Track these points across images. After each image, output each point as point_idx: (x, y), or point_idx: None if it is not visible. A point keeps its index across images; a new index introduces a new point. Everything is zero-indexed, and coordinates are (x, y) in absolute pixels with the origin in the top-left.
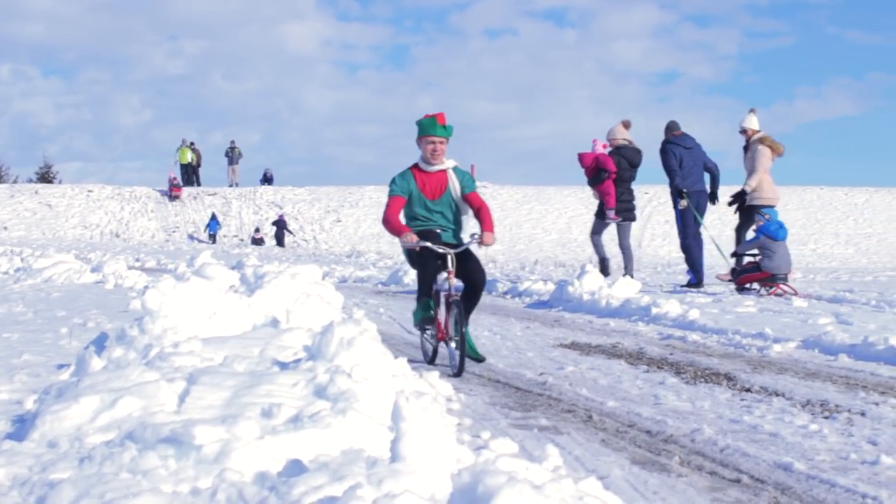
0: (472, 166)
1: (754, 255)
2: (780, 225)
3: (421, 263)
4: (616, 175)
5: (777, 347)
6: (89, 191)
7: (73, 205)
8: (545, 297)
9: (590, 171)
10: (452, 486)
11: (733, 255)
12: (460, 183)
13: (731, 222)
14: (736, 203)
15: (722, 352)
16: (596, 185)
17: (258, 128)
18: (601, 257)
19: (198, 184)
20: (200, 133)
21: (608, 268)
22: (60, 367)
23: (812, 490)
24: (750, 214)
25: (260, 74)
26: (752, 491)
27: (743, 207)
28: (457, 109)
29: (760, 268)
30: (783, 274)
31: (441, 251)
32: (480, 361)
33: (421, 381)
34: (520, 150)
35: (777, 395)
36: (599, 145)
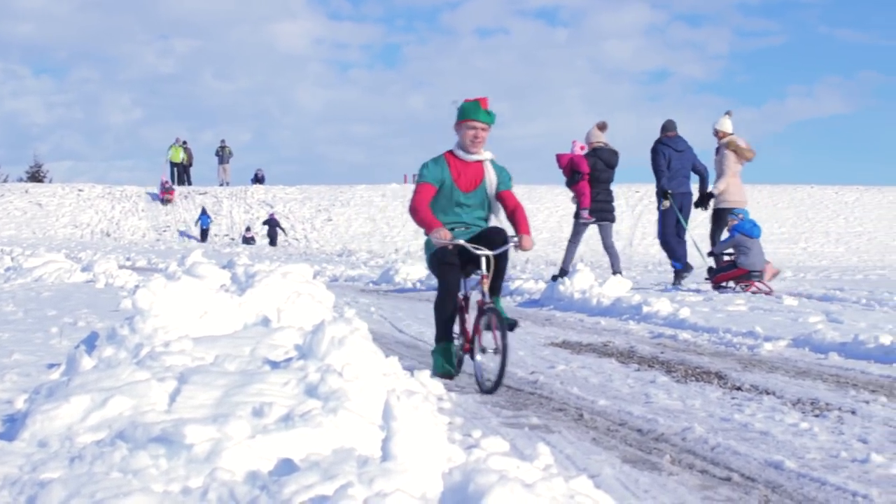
0: None
1: (730, 253)
2: (753, 223)
3: (444, 269)
4: (591, 176)
5: (768, 346)
6: (80, 190)
7: (63, 204)
8: (536, 295)
9: (566, 171)
10: (443, 484)
11: (710, 254)
12: (497, 177)
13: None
14: (702, 205)
15: (713, 350)
16: (571, 185)
17: (249, 127)
18: (563, 268)
19: (188, 183)
20: (191, 132)
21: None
22: (51, 366)
23: (802, 488)
24: (721, 217)
25: (251, 73)
26: (742, 489)
27: (708, 207)
28: (448, 108)
29: (736, 265)
30: (758, 271)
31: (478, 252)
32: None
33: (412, 379)
34: (511, 149)
35: (768, 393)
36: (577, 147)
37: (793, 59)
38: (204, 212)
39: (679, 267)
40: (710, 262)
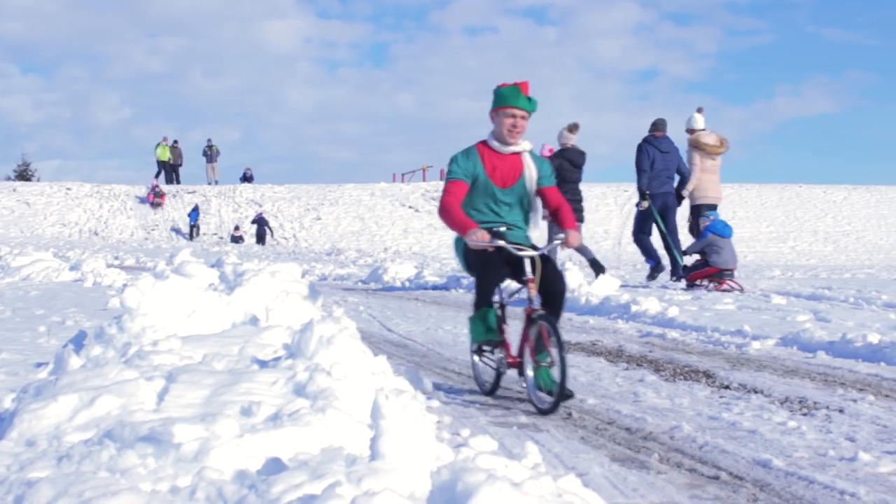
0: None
1: (703, 252)
2: (724, 223)
3: (482, 267)
4: (558, 176)
5: (756, 345)
6: (68, 189)
7: (51, 203)
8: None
9: None
10: (432, 483)
11: (684, 253)
12: (538, 171)
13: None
14: (678, 204)
15: (701, 349)
16: None
17: (238, 126)
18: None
19: (177, 182)
20: (180, 131)
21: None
22: (39, 365)
23: (790, 487)
24: (698, 213)
25: (240, 72)
26: (730, 488)
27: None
28: (436, 107)
29: (708, 264)
30: (730, 269)
31: (521, 253)
32: (570, 398)
33: (400, 378)
34: None
35: (756, 392)
36: (546, 150)
37: (781, 59)
38: (196, 208)
39: (652, 264)
40: (685, 260)
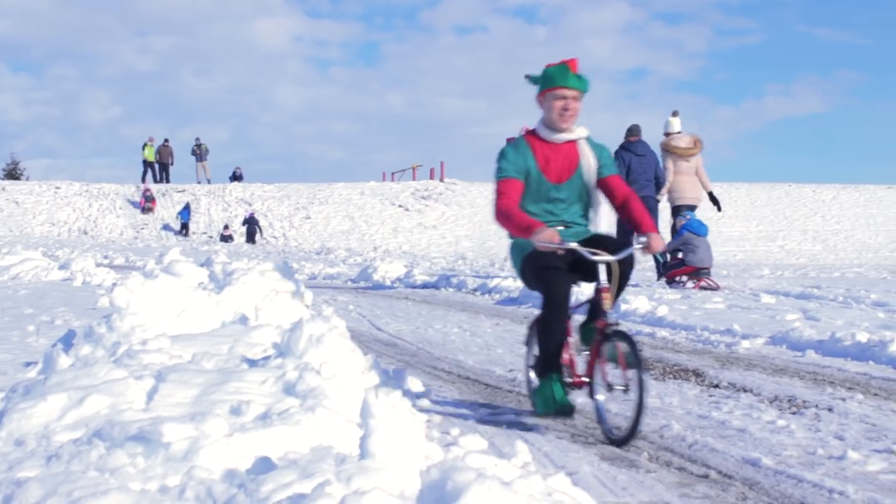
0: (441, 163)
1: (680, 251)
2: (700, 222)
3: (548, 276)
4: None
5: (745, 343)
6: (57, 188)
7: (40, 202)
8: (515, 293)
9: None
10: (421, 482)
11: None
12: (598, 160)
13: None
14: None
15: (690, 348)
16: None
17: (229, 124)
18: None
19: (167, 181)
20: (170, 130)
21: None
22: (28, 364)
23: (780, 485)
24: (678, 214)
25: (230, 71)
26: (719, 486)
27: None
28: (427, 106)
29: (686, 262)
30: (706, 267)
31: (596, 258)
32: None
33: (390, 377)
34: (490, 147)
35: (745, 391)
36: (524, 129)
37: (770, 58)
38: (187, 206)
39: None
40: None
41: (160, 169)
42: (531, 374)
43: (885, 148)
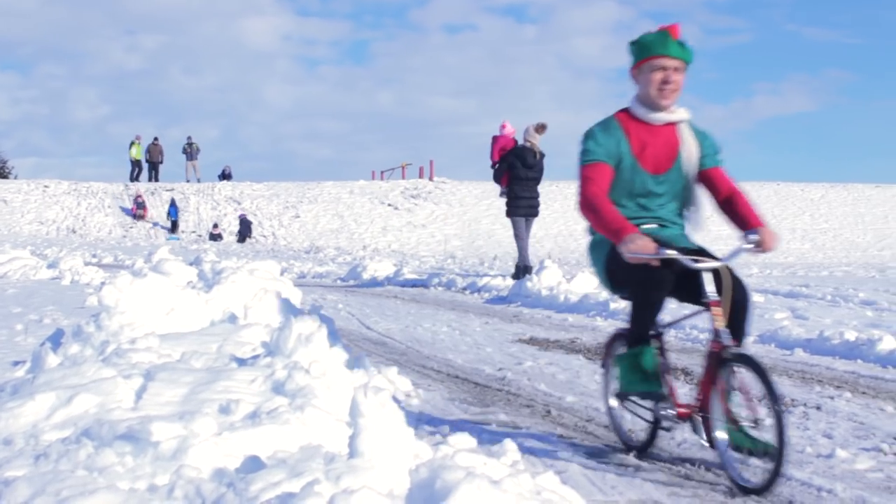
0: (430, 162)
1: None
2: None
3: (641, 285)
4: (513, 174)
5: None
6: (45, 186)
7: (28, 200)
8: (504, 292)
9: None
10: (411, 481)
11: None
12: (700, 148)
13: None
14: None
15: (679, 346)
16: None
17: (217, 123)
18: (524, 265)
19: (156, 180)
20: (159, 128)
21: (528, 271)
22: (16, 363)
23: None
24: None
25: (219, 69)
26: (708, 485)
27: None
28: (416, 105)
29: None
30: None
31: (699, 266)
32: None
33: (379, 376)
34: (479, 146)
35: (734, 389)
36: (510, 129)
37: (760, 57)
38: (173, 203)
39: None
40: None
41: (149, 168)
42: (612, 401)
43: (873, 147)
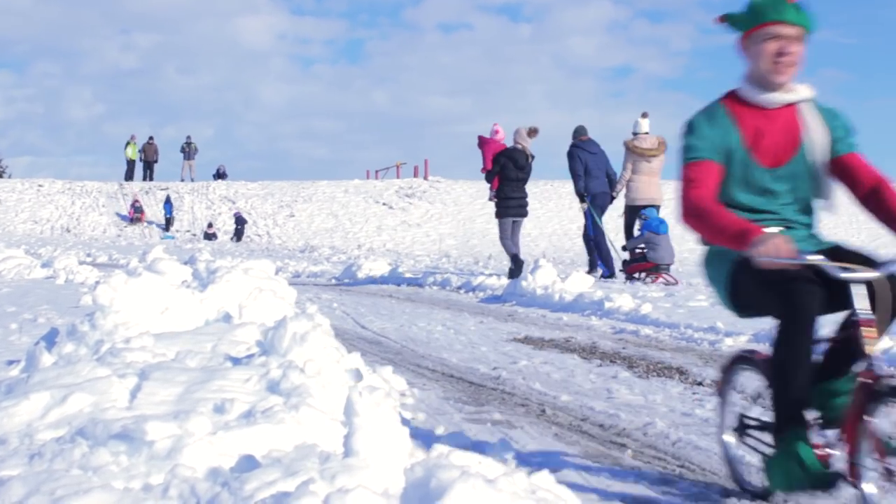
0: (425, 161)
1: (641, 248)
2: (661, 221)
3: (787, 298)
4: (504, 175)
5: (729, 341)
6: (39, 185)
7: (22, 199)
8: (499, 291)
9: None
10: (405, 480)
11: (624, 248)
12: (830, 132)
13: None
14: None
15: (674, 346)
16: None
17: (212, 122)
18: (513, 255)
19: (151, 179)
20: (154, 127)
21: (521, 266)
22: (10, 363)
23: None
24: (630, 214)
25: (214, 68)
26: (703, 484)
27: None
28: (411, 104)
29: (647, 258)
30: (666, 264)
31: (848, 276)
32: None
33: (374, 375)
34: (474, 145)
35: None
36: (501, 134)
37: None
38: (168, 200)
39: (607, 274)
40: (625, 255)
41: (144, 167)
42: (727, 436)
43: (868, 146)
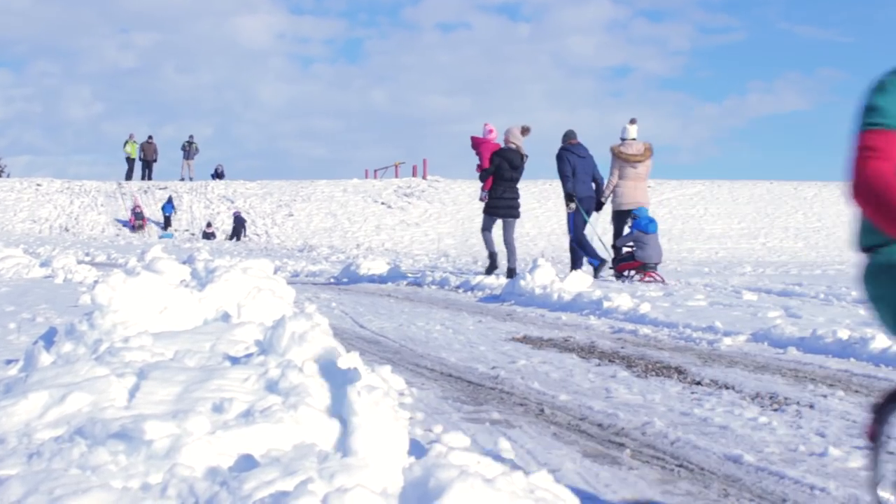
0: (424, 160)
1: (630, 246)
2: (650, 220)
3: None
4: (497, 174)
5: (727, 341)
6: (38, 185)
7: (21, 199)
8: (497, 291)
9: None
10: (404, 479)
11: (613, 247)
12: None
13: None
14: (598, 209)
15: (673, 345)
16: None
17: (211, 121)
18: (490, 252)
19: (149, 178)
20: (153, 126)
21: (496, 262)
22: (9, 362)
23: (761, 482)
24: (617, 218)
25: (213, 67)
26: (701, 483)
27: (601, 209)
28: (410, 103)
29: (635, 257)
30: (654, 263)
31: None
32: None
33: (373, 375)
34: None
35: (727, 387)
36: (494, 134)
37: (753, 56)
38: (169, 200)
39: (596, 263)
40: (613, 253)
41: (143, 166)
42: (881, 492)
43: None
